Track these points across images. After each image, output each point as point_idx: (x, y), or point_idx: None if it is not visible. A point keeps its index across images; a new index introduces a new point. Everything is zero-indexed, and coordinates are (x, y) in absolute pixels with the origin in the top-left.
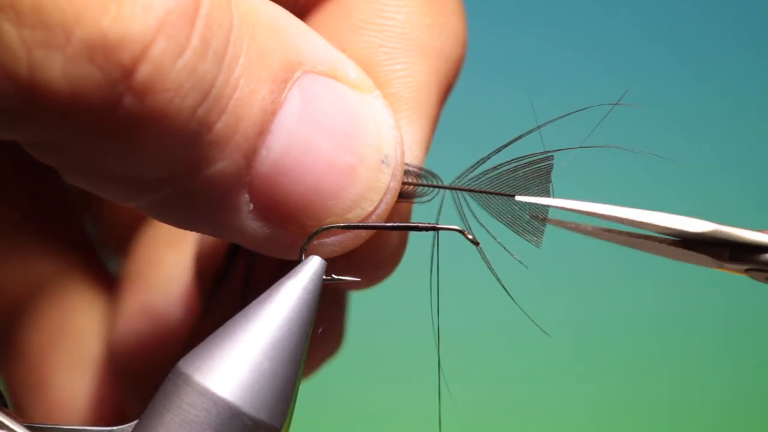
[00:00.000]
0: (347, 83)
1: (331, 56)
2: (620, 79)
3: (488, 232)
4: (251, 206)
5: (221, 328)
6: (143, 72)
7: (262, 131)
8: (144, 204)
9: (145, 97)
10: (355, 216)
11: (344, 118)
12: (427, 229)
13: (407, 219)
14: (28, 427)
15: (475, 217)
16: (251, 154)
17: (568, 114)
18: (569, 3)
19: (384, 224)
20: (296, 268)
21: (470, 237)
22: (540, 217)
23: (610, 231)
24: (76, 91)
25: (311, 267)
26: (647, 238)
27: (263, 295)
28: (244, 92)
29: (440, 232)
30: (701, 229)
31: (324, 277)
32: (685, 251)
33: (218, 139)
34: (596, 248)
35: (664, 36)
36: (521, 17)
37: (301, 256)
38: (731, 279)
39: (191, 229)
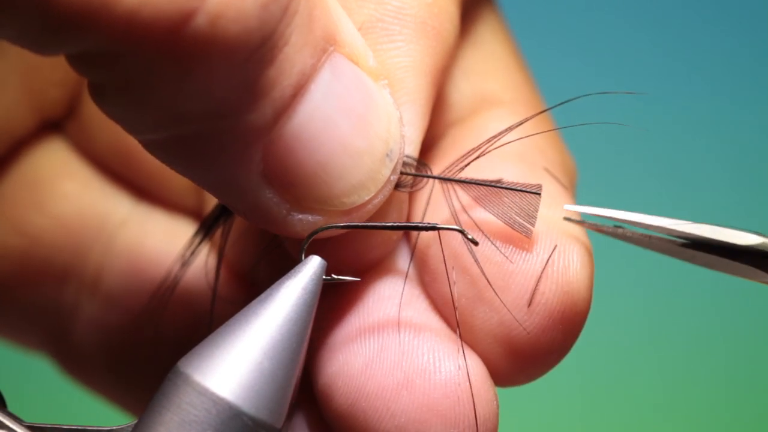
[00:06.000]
0: (366, 70)
1: (358, 41)
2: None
3: (477, 225)
4: (261, 166)
5: (221, 328)
6: None
7: (296, 93)
8: (162, 137)
9: (217, 21)
10: (351, 202)
11: (363, 104)
12: (427, 229)
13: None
14: (28, 427)
15: (464, 209)
16: (281, 113)
17: (556, 105)
18: (567, 3)
19: (384, 224)
20: (296, 268)
21: (470, 237)
22: (531, 211)
23: (650, 238)
24: None
25: (311, 267)
26: (693, 247)
27: (263, 295)
28: (291, 49)
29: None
30: (749, 242)
31: (324, 277)
32: (733, 263)
33: (259, 89)
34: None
35: (662, 36)
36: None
37: (300, 256)
38: (732, 282)
39: (190, 175)
